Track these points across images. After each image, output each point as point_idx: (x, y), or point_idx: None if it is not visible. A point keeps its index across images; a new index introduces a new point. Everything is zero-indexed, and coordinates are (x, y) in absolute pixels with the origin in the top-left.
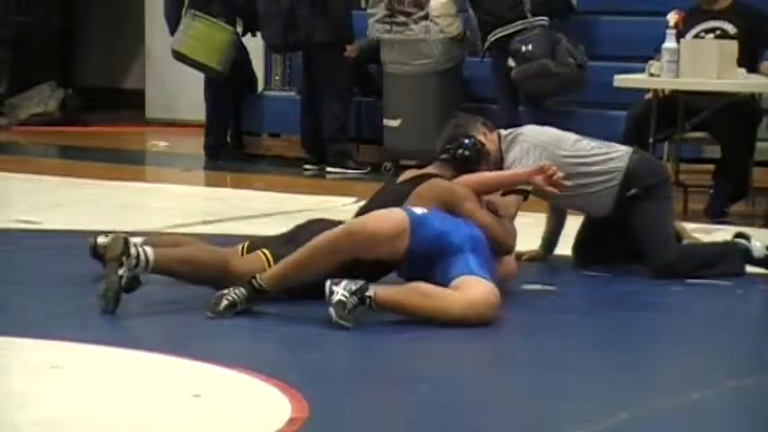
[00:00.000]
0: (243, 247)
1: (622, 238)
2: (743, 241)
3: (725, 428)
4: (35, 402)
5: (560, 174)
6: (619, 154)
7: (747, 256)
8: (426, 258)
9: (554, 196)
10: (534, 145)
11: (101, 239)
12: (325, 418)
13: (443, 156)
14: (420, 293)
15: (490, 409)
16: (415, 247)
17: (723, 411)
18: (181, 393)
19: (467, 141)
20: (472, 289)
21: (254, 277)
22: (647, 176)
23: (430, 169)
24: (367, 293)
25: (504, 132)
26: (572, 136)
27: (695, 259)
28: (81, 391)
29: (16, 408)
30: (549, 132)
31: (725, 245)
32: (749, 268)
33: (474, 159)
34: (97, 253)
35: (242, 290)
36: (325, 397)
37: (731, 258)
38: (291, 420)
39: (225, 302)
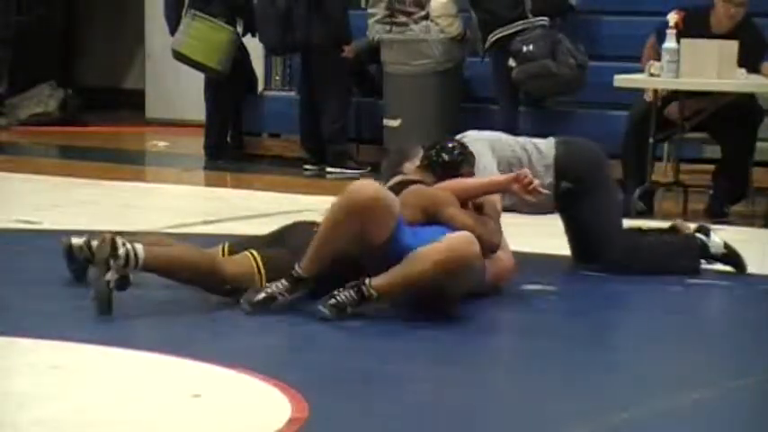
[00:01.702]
0: (223, 248)
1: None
2: (701, 236)
3: (725, 428)
4: (35, 402)
5: (537, 182)
6: (545, 148)
7: (704, 251)
8: (388, 263)
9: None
10: (483, 141)
11: (75, 240)
12: (325, 418)
13: (425, 161)
14: (408, 262)
15: (490, 408)
16: (390, 243)
17: (723, 411)
18: (181, 393)
19: (448, 145)
20: (448, 238)
21: (294, 269)
22: (574, 167)
23: (412, 176)
24: (363, 285)
25: None
26: (503, 134)
27: (644, 261)
28: (81, 391)
29: (16, 408)
30: (487, 132)
31: (682, 238)
32: (752, 268)
33: (456, 164)
34: (71, 255)
35: (284, 282)
36: (326, 397)
37: (687, 254)
38: (291, 420)
39: (263, 295)
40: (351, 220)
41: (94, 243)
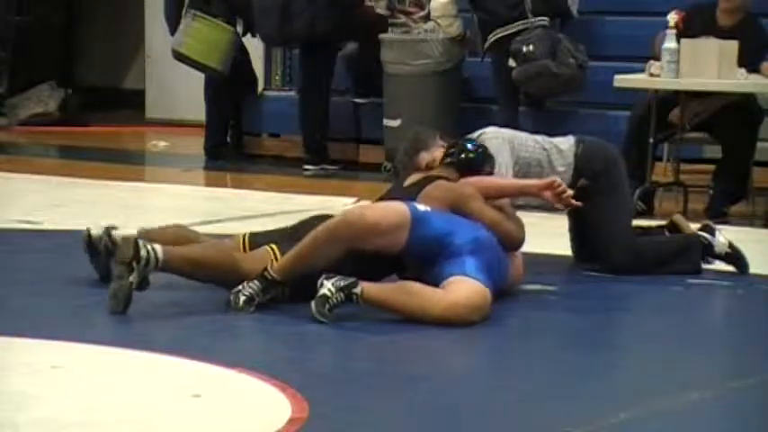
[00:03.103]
0: (243, 240)
1: None
2: (705, 235)
3: (725, 428)
4: (35, 402)
5: (570, 192)
6: (565, 147)
7: (708, 250)
8: (425, 256)
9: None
10: (503, 138)
11: (94, 231)
12: (325, 418)
13: (447, 159)
14: (405, 292)
15: (490, 408)
16: (414, 243)
17: (723, 411)
18: (181, 393)
19: (470, 145)
20: (457, 289)
21: (266, 269)
22: (593, 165)
23: (435, 172)
24: (354, 290)
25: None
26: (523, 133)
27: (648, 262)
28: (81, 391)
29: (16, 408)
30: (506, 130)
31: (685, 238)
32: (753, 268)
33: (478, 162)
34: (92, 245)
35: (256, 283)
36: (326, 397)
37: (690, 253)
38: (291, 420)
39: (243, 298)
40: (336, 245)
41: (114, 233)
